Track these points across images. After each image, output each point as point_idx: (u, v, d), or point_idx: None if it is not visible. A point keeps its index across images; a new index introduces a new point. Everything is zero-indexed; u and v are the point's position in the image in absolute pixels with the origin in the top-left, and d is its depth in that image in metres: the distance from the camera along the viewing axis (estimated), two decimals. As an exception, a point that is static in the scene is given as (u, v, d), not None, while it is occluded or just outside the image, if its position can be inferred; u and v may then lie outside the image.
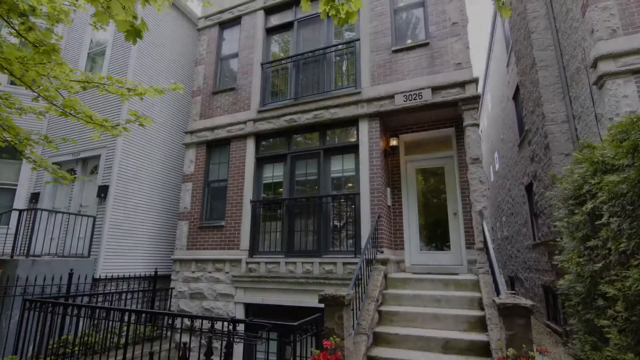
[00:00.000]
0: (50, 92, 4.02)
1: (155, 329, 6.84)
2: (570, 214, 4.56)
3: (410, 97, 6.51)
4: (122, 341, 5.55)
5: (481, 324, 4.40)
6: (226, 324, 3.90)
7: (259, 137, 7.95)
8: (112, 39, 9.28)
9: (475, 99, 6.08)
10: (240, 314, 6.98)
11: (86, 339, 5.69)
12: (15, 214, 7.48)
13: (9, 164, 8.90)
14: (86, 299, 6.64)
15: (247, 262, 7.14)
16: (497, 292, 3.94)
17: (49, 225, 7.16)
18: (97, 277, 7.40)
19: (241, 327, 4.71)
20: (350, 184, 7.01)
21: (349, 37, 7.76)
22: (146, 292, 7.79)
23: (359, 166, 6.72)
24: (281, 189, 7.54)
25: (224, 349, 3.47)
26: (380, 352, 4.26)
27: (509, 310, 3.16)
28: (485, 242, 5.11)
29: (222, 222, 7.68)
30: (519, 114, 10.61)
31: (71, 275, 6.55)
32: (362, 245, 6.11)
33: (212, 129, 8.41)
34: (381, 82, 6.91)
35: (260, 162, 7.85)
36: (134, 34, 2.76)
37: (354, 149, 6.95)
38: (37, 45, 3.16)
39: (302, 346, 3.89)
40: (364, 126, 6.83)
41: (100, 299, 6.83)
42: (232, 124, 8.17)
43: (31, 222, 6.82)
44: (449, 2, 6.72)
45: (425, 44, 6.71)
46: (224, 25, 9.29)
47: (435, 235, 7.00)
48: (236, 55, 8.83)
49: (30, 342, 5.36)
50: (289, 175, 7.36)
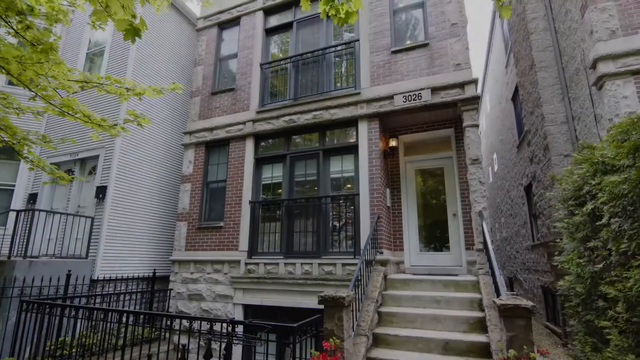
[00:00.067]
0: (48, 91, 3.99)
1: (153, 330, 6.81)
2: (570, 214, 4.56)
3: (409, 97, 6.50)
4: (120, 343, 5.52)
5: (481, 325, 4.39)
6: (225, 325, 3.87)
7: (258, 137, 7.94)
8: (111, 40, 9.26)
9: (474, 99, 6.09)
10: (239, 315, 6.94)
11: (84, 340, 5.65)
12: (12, 215, 7.45)
13: (7, 165, 8.87)
14: (84, 300, 6.61)
15: (246, 263, 7.11)
16: (497, 293, 3.93)
17: (47, 226, 7.13)
18: (95, 278, 7.37)
19: (240, 329, 4.68)
20: (349, 185, 7.00)
21: (348, 38, 7.75)
22: (144, 293, 7.76)
23: (359, 167, 6.71)
24: (280, 190, 7.52)
25: (223, 351, 3.44)
26: (380, 353, 4.24)
27: (510, 311, 3.15)
28: (485, 242, 5.10)
29: (221, 223, 7.65)
30: (518, 115, 10.62)
31: (69, 276, 6.51)
32: (362, 246, 6.09)
33: (211, 130, 8.39)
34: (381, 82, 6.90)
35: (259, 162, 7.83)
36: (133, 33, 2.75)
37: (353, 149, 6.94)
38: (35, 44, 3.14)
39: (302, 348, 3.87)
40: (363, 127, 6.82)
41: (98, 300, 6.80)
42: (231, 125, 8.15)
43: (29, 222, 6.78)
44: (448, 3, 6.73)
45: (424, 45, 6.71)
46: (223, 25, 9.28)
47: (434, 236, 6.99)
48: (235, 55, 8.82)
49: (27, 344, 5.33)
50: (288, 176, 7.34)
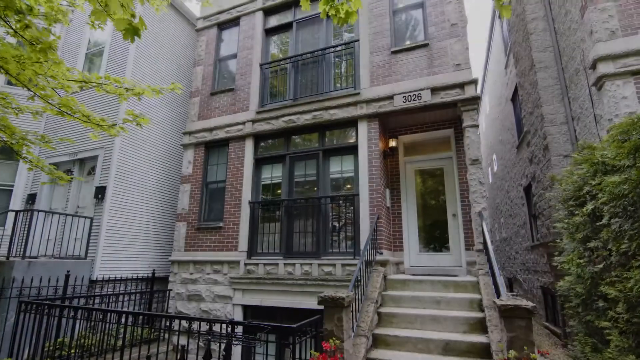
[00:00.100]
0: (46, 90, 3.98)
1: (152, 331, 6.79)
2: (570, 215, 4.55)
3: (409, 98, 6.50)
4: (119, 343, 5.50)
5: (481, 326, 4.38)
6: (224, 326, 3.86)
7: (258, 138, 7.92)
8: (110, 40, 9.25)
9: (474, 99, 6.08)
10: (238, 316, 6.93)
11: (83, 341, 5.64)
12: (11, 215, 7.43)
13: (6, 165, 8.85)
14: (83, 301, 6.59)
15: (246, 264, 7.10)
16: (497, 294, 3.92)
17: (46, 226, 7.11)
18: (94, 278, 7.35)
19: (240, 329, 4.67)
20: (349, 185, 6.99)
21: (348, 38, 7.75)
22: (143, 294, 7.74)
23: (358, 167, 6.70)
24: (280, 190, 7.51)
25: (222, 352, 3.43)
26: (379, 354, 4.22)
27: (510, 311, 3.14)
28: (485, 243, 5.09)
29: (221, 224, 7.63)
30: (517, 116, 10.62)
31: (68, 276, 6.49)
32: (361, 246, 6.08)
33: (210, 130, 8.37)
34: (380, 83, 6.89)
35: (258, 163, 7.82)
36: (132, 32, 2.73)
37: (353, 150, 6.93)
38: (34, 43, 3.12)
39: (302, 348, 3.85)
40: (363, 127, 6.81)
41: (97, 300, 6.78)
42: (230, 125, 8.13)
43: (27, 223, 6.76)
44: (448, 3, 6.72)
45: (424, 45, 6.71)
46: (223, 26, 9.26)
47: (434, 236, 6.98)
48: (235, 56, 8.81)
49: (26, 345, 5.31)
50: (288, 176, 7.33)
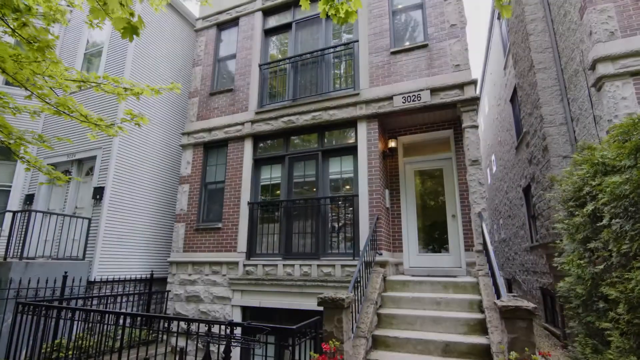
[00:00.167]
0: (43, 90, 3.95)
1: (151, 332, 6.74)
2: (570, 215, 4.54)
3: (409, 98, 6.49)
4: (117, 345, 5.46)
5: (481, 327, 4.36)
6: (223, 327, 3.83)
7: (257, 138, 7.90)
8: (109, 41, 9.22)
9: (474, 100, 6.08)
10: (237, 317, 6.89)
11: (80, 342, 5.59)
12: (8, 216, 7.37)
13: (3, 165, 8.80)
14: (80, 302, 6.54)
15: (245, 265, 7.07)
16: (498, 295, 3.91)
17: (44, 227, 7.07)
18: (92, 279, 7.30)
19: (238, 331, 4.64)
20: (348, 186, 6.97)
21: (347, 39, 7.74)
22: (142, 295, 7.70)
23: (358, 168, 6.69)
24: (279, 191, 7.49)
25: (222, 354, 3.40)
26: (379, 355, 4.21)
27: (511, 312, 3.13)
28: (484, 244, 5.08)
29: (219, 224, 7.61)
30: (516, 117, 10.64)
31: (65, 277, 6.45)
32: (361, 247, 6.06)
33: (209, 130, 8.35)
34: (380, 83, 6.89)
35: (257, 163, 7.79)
36: (131, 31, 2.71)
37: (352, 150, 6.92)
38: (31, 41, 3.09)
39: (301, 350, 3.83)
40: (362, 128, 6.80)
41: (95, 301, 6.73)
42: (229, 125, 8.11)
43: (25, 223, 6.72)
44: (447, 4, 6.72)
45: (423, 46, 6.71)
46: (222, 26, 9.25)
47: (433, 237, 6.96)
48: (234, 56, 8.79)
49: (23, 347, 5.27)
50: (287, 177, 7.30)
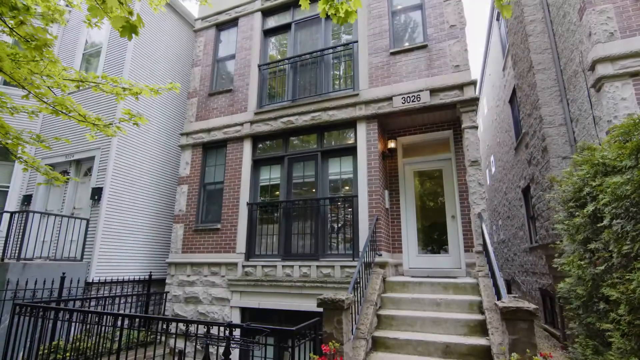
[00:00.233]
0: (41, 89, 3.92)
1: (149, 333, 6.71)
2: (570, 216, 4.53)
3: (408, 99, 6.48)
4: (115, 346, 5.43)
5: (481, 328, 4.35)
6: (222, 328, 3.80)
7: (256, 139, 7.88)
8: (108, 41, 9.20)
9: (473, 101, 6.07)
10: (236, 319, 6.86)
11: (78, 344, 5.56)
12: (6, 216, 7.34)
13: (1, 166, 8.76)
14: (78, 304, 6.50)
15: (244, 266, 7.04)
16: (498, 296, 3.89)
17: (41, 227, 7.02)
18: (90, 280, 7.26)
19: (237, 332, 4.61)
20: (347, 187, 6.95)
21: (346, 40, 7.73)
22: (140, 296, 7.66)
23: (357, 168, 6.67)
24: (278, 192, 7.46)
25: (221, 356, 3.37)
26: (379, 357, 4.18)
27: (512, 314, 3.11)
28: (484, 244, 5.07)
29: (218, 225, 7.57)
30: (515, 117, 10.64)
31: (63, 279, 6.40)
32: (360, 248, 6.04)
33: (208, 131, 8.32)
34: (379, 84, 6.88)
35: (257, 164, 7.77)
36: (130, 29, 2.69)
37: (351, 151, 6.90)
38: (29, 39, 3.07)
39: (300, 351, 3.80)
40: (361, 128, 6.79)
41: (92, 303, 6.69)
42: (228, 126, 8.09)
43: (23, 224, 6.68)
44: (447, 5, 6.72)
45: (423, 47, 6.70)
46: (221, 26, 9.23)
47: (433, 238, 6.95)
48: (233, 56, 8.77)
49: (20, 348, 5.23)
50: (286, 177, 7.28)
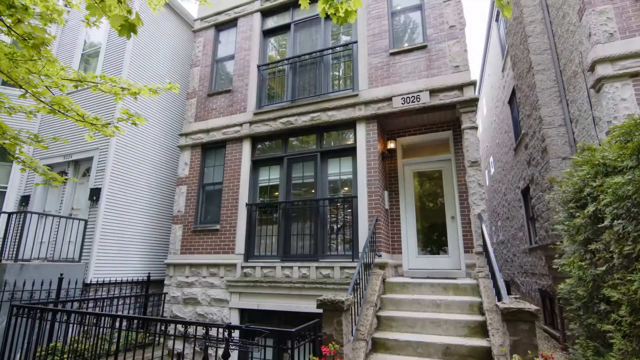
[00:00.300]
0: (39, 88, 3.89)
1: (147, 335, 6.66)
2: (570, 217, 4.51)
3: (408, 99, 6.47)
4: (113, 348, 5.40)
5: (482, 329, 4.33)
6: (221, 330, 3.78)
7: (255, 139, 7.86)
8: (106, 41, 9.17)
9: (473, 101, 6.06)
10: (235, 320, 6.83)
11: (76, 345, 5.52)
12: (4, 217, 7.29)
13: (-1, 166, 8.71)
14: (76, 305, 6.46)
15: (243, 267, 7.01)
16: (499, 297, 3.87)
17: (39, 228, 6.98)
18: (88, 282, 7.22)
19: (236, 334, 4.59)
20: (347, 187, 6.93)
21: (346, 40, 7.73)
22: (138, 298, 7.62)
23: (357, 169, 6.65)
24: (277, 192, 7.44)
25: (220, 358, 3.35)
26: (379, 358, 4.16)
27: (513, 315, 3.09)
28: (485, 245, 5.05)
29: (217, 226, 7.54)
30: (514, 118, 10.65)
31: (61, 280, 6.37)
32: (360, 249, 6.02)
33: (207, 131, 8.30)
34: (379, 84, 6.86)
35: (256, 164, 7.75)
36: (128, 28, 2.67)
37: (351, 151, 6.89)
38: (27, 38, 3.04)
39: (300, 353, 3.78)
40: (361, 129, 6.77)
41: (90, 304, 6.65)
42: (227, 126, 8.07)
43: (20, 225, 6.64)
44: (447, 6, 6.72)
45: (423, 47, 6.69)
46: (220, 27, 9.22)
47: (433, 239, 6.93)
48: (232, 57, 8.76)
49: (17, 350, 5.19)
50: (286, 178, 7.26)
